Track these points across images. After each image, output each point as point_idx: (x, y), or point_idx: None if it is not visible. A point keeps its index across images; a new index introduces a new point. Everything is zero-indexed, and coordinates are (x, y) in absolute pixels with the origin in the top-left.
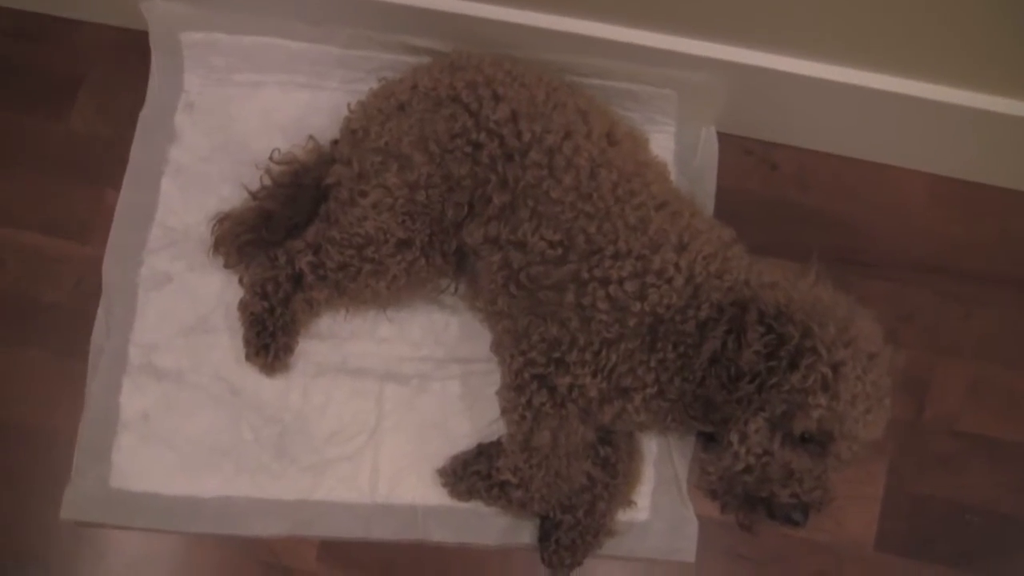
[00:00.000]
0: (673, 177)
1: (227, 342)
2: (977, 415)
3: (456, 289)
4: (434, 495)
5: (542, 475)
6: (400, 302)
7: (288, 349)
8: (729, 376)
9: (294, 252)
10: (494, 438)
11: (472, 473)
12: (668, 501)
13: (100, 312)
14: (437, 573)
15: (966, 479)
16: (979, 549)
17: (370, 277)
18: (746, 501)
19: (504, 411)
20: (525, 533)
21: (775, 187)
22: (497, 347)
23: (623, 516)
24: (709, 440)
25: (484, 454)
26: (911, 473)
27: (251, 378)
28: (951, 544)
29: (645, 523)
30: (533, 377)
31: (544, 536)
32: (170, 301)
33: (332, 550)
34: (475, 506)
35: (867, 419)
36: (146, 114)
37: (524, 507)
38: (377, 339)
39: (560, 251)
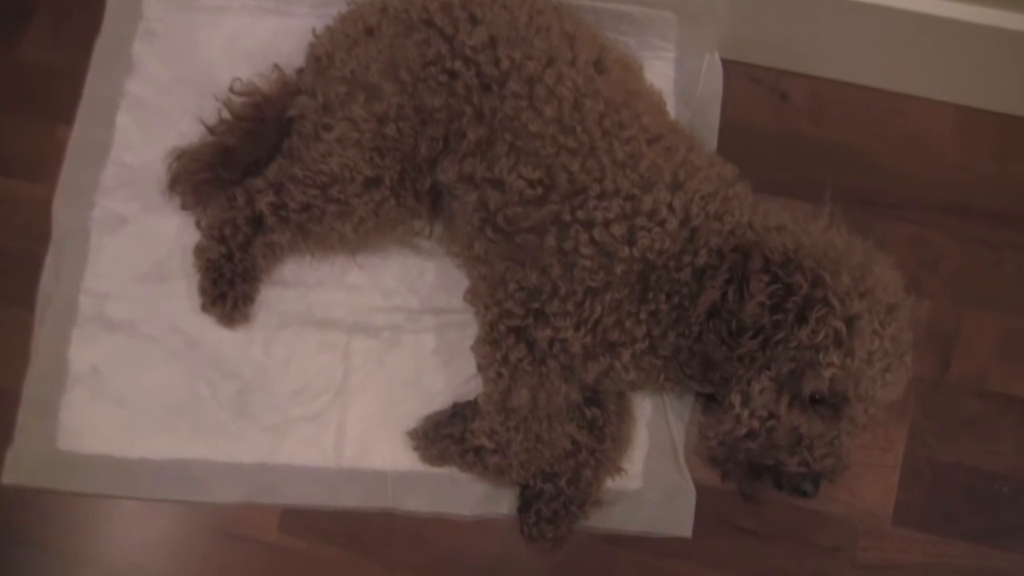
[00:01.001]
0: (672, 109)
1: (184, 291)
2: (1009, 373)
3: (431, 232)
4: (405, 459)
5: (520, 439)
6: (371, 246)
7: (248, 298)
8: (730, 331)
9: (254, 192)
10: (471, 397)
11: (444, 436)
12: (662, 469)
13: (49, 258)
14: (408, 545)
15: (996, 445)
16: (1010, 523)
17: (335, 219)
18: (750, 469)
19: (480, 368)
20: (504, 503)
21: (785, 120)
22: (472, 296)
23: (612, 485)
24: (709, 401)
25: (459, 415)
26: (934, 438)
27: (209, 330)
28: (978, 517)
29: (636, 493)
30: (510, 330)
31: (524, 507)
32: (124, 246)
33: (294, 518)
34: (450, 472)
35: (885, 378)
36: (102, 43)
37: (501, 474)
38: (346, 287)
39: (540, 190)
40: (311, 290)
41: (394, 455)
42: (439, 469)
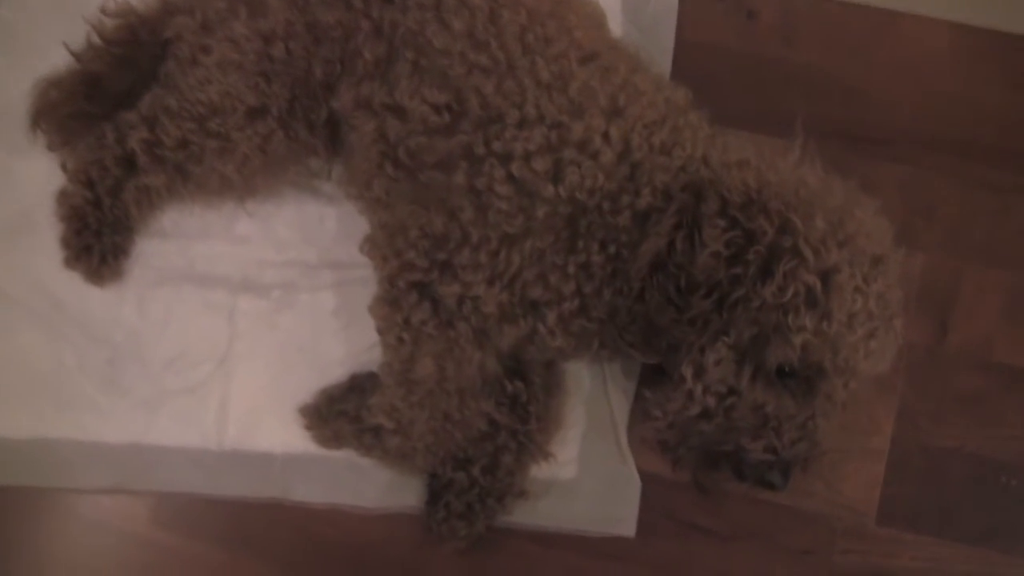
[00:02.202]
0: (617, 28)
1: (53, 244)
2: (1017, 341)
3: (330, 173)
4: (297, 441)
5: (425, 417)
6: (262, 191)
7: (120, 251)
8: (678, 288)
9: (125, 128)
10: (375, 367)
11: (338, 413)
12: (601, 454)
13: None
14: (298, 542)
15: (1002, 428)
16: (1018, 523)
17: (216, 157)
18: (706, 456)
19: (379, 332)
20: (412, 494)
21: (752, 41)
22: (370, 247)
23: (539, 474)
24: (657, 374)
25: (356, 389)
26: (928, 420)
27: (77, 289)
28: (980, 516)
29: (570, 483)
30: (411, 286)
31: (432, 499)
32: None
33: (169, 509)
34: (348, 457)
35: (869, 346)
36: None
37: (405, 460)
38: (233, 238)
39: (448, 117)
40: (193, 242)
41: (284, 436)
42: (336, 453)
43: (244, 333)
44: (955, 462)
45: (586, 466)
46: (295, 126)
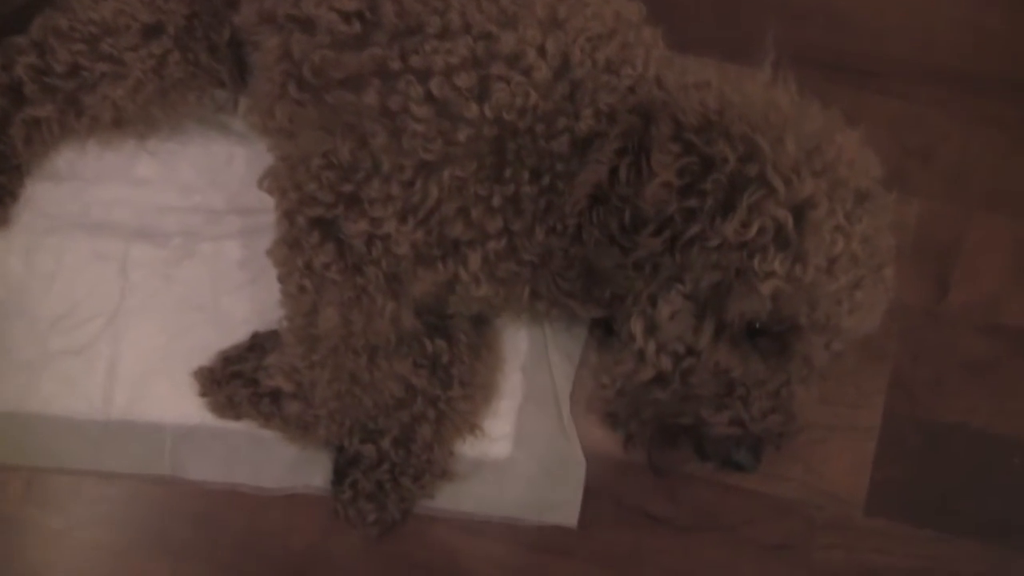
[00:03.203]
0: None
1: None
2: None
3: (236, 105)
4: (192, 411)
5: (328, 379)
6: (161, 124)
7: (7, 194)
8: (622, 225)
9: (13, 53)
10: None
11: (233, 376)
12: (541, 430)
13: None
14: (193, 526)
15: (1012, 400)
16: None
17: (109, 84)
18: (662, 432)
19: (279, 281)
20: (318, 472)
21: None
22: (270, 182)
23: (468, 451)
24: (607, 334)
25: (257, 348)
26: (926, 391)
27: None
28: (987, 504)
29: (503, 463)
30: (313, 223)
31: (338, 477)
32: None
33: (46, 486)
34: (249, 429)
35: (854, 298)
36: None
37: (306, 430)
38: (133, 180)
39: (358, 27)
40: (90, 185)
41: (177, 405)
42: (235, 425)
43: (137, 287)
44: (958, 441)
45: (522, 443)
46: (194, 47)
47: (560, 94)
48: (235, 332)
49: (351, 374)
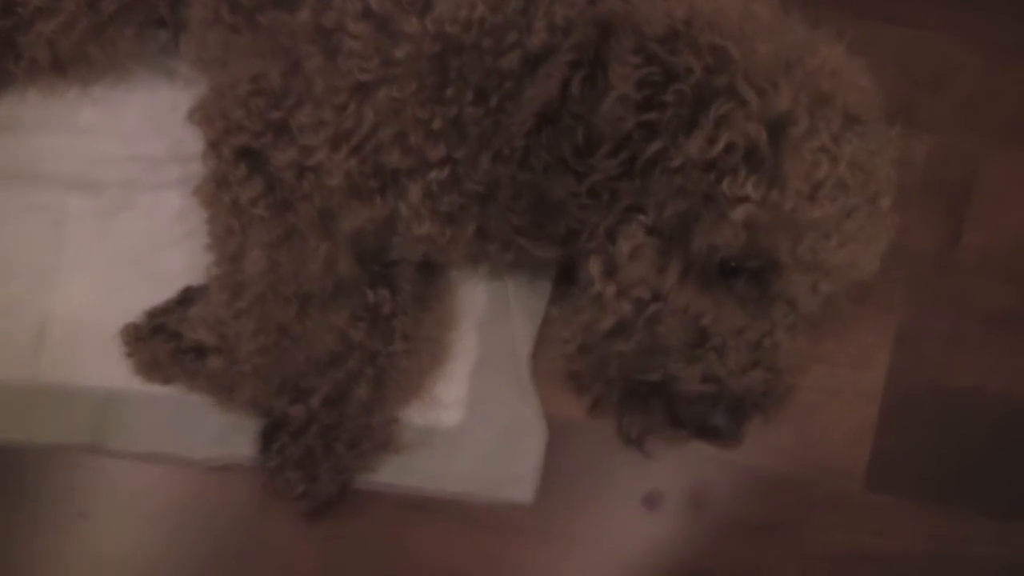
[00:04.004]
0: None
1: None
2: None
3: (179, 45)
4: (118, 374)
5: (253, 330)
6: (100, 66)
7: None
8: (575, 146)
9: None
10: None
11: (156, 330)
12: (497, 394)
13: None
14: (117, 501)
15: None
16: None
17: (42, 21)
18: (631, 394)
19: (207, 223)
20: (249, 442)
21: None
22: (199, 114)
23: (414, 418)
24: (567, 283)
25: (186, 302)
26: (938, 349)
27: None
28: (1008, 479)
29: (454, 432)
30: (240, 155)
31: (264, 443)
32: None
33: None
34: (178, 395)
35: (843, 230)
36: None
37: (231, 391)
38: (75, 129)
39: None
40: (31, 135)
41: (103, 367)
42: (164, 390)
43: (70, 239)
44: (975, 407)
45: (475, 409)
46: None
47: (512, 7)
48: (172, 288)
49: (279, 325)
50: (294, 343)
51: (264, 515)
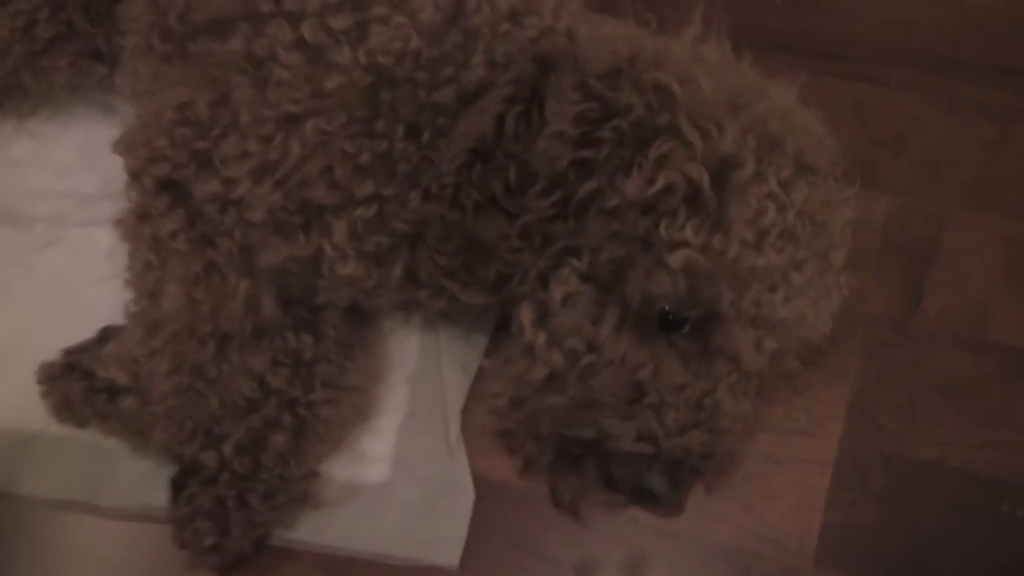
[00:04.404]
0: None
1: None
2: (1016, 313)
3: (115, 76)
4: (34, 416)
5: (166, 370)
6: (35, 95)
7: None
8: (507, 185)
9: None
10: None
11: (69, 368)
12: (425, 451)
13: None
14: (20, 550)
15: (1001, 431)
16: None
17: None
18: (564, 454)
19: (128, 259)
20: (160, 492)
21: None
22: (123, 145)
23: (337, 472)
24: (501, 332)
25: (104, 341)
26: (895, 419)
27: None
28: (965, 558)
29: (378, 489)
30: (162, 186)
31: (175, 491)
32: None
33: None
34: (95, 440)
35: (790, 282)
36: None
37: (145, 435)
38: (8, 162)
39: None
40: None
41: (19, 407)
42: (81, 435)
43: None
44: (933, 480)
45: (402, 467)
46: (66, 4)
47: (451, 42)
48: (97, 327)
49: (195, 365)
50: (209, 385)
51: (172, 571)
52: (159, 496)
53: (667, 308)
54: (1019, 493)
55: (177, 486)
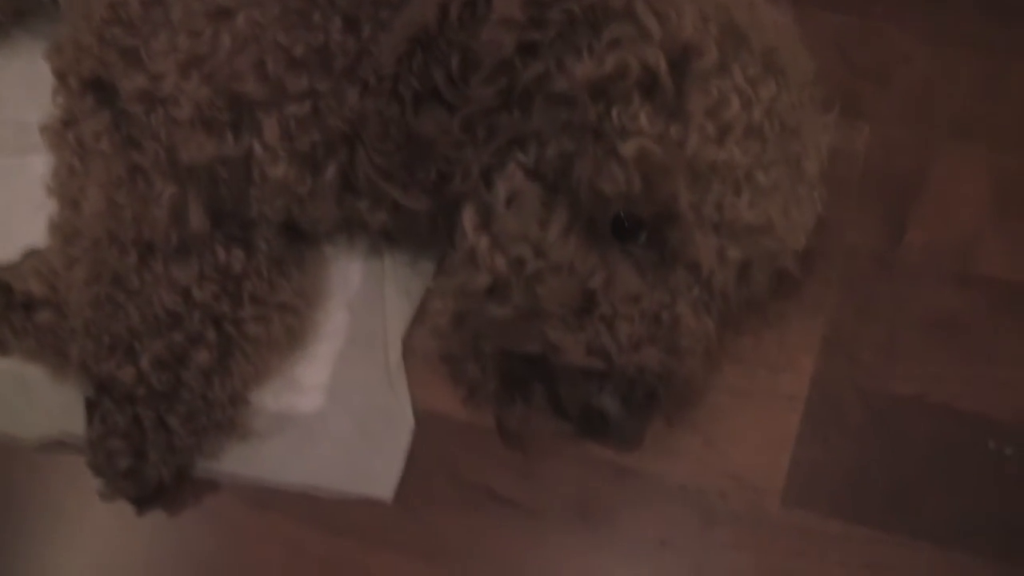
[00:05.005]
0: None
1: None
2: (1008, 245)
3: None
4: None
5: (84, 278)
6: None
7: None
8: (448, 75)
9: None
10: None
11: None
12: (363, 380)
13: None
14: None
15: (988, 366)
16: (1014, 513)
17: None
18: (510, 378)
19: (52, 167)
20: (81, 419)
21: None
22: (51, 50)
23: (269, 402)
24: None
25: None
26: (873, 353)
27: None
28: (950, 501)
29: (312, 419)
30: (87, 86)
31: (89, 410)
32: None
33: None
34: (17, 370)
35: (755, 182)
36: None
37: (62, 354)
38: None
39: None
40: None
41: None
42: (4, 365)
43: None
44: (913, 417)
45: (338, 396)
46: None
47: None
48: None
49: (114, 275)
50: (129, 297)
51: (84, 501)
52: (78, 424)
53: (621, 213)
54: (1006, 431)
55: (92, 405)
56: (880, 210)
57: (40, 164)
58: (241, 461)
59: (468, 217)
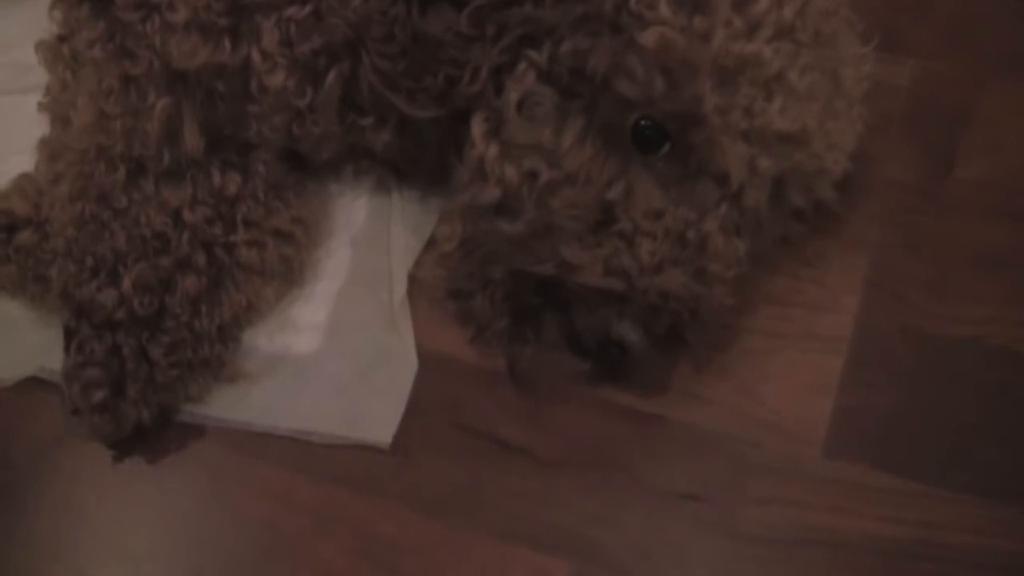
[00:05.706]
0: None
1: None
2: None
3: None
4: None
5: (69, 194)
6: None
7: None
8: None
9: None
10: None
11: None
12: (363, 320)
13: None
14: None
15: None
16: None
17: None
18: (520, 308)
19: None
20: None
21: None
22: None
23: (261, 342)
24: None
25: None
26: (921, 291)
27: None
28: (1003, 450)
29: (308, 360)
30: None
31: (67, 338)
32: None
33: None
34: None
35: (790, 89)
36: None
37: (43, 282)
38: None
39: None
40: None
41: None
42: None
43: None
44: (968, 361)
45: (336, 337)
46: None
47: None
48: None
49: (100, 191)
50: (116, 216)
51: (58, 444)
52: (57, 361)
53: (642, 121)
54: None
55: (71, 334)
56: (926, 145)
57: (36, 102)
58: (229, 405)
59: (477, 125)
